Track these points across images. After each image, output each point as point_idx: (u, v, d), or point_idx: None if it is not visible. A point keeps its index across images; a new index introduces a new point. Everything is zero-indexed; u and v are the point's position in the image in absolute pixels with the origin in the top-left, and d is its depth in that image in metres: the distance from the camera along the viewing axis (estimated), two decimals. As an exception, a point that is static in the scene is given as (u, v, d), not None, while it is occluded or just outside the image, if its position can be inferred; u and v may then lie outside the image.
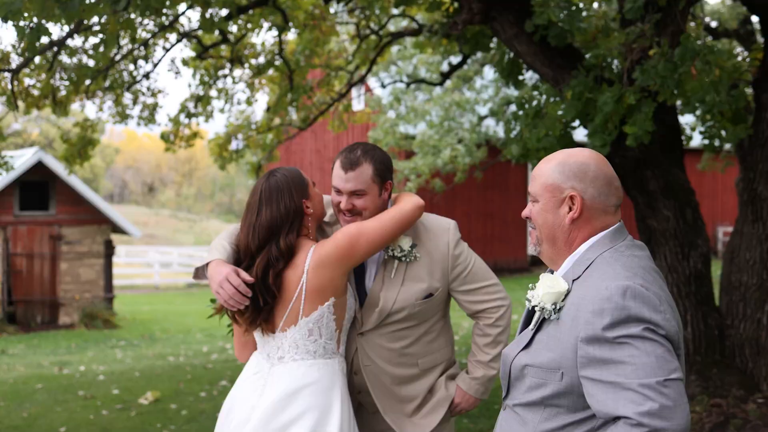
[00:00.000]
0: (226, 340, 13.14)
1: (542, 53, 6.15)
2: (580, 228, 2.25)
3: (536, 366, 2.20)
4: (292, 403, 2.91)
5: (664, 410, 1.96)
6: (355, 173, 3.01)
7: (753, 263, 6.54)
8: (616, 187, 2.27)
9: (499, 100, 16.76)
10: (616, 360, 2.01)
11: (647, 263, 2.23)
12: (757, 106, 6.53)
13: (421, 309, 3.12)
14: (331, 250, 2.92)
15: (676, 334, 2.08)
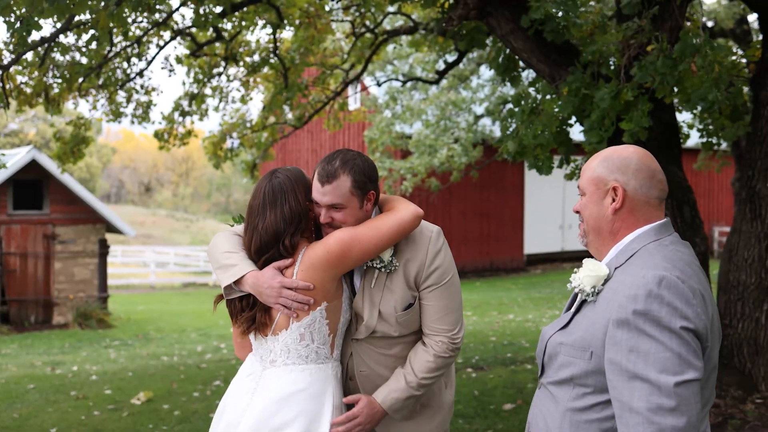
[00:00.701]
0: (221, 339, 13.07)
1: (538, 49, 6.07)
2: (623, 219, 2.33)
3: (568, 345, 2.29)
4: (282, 408, 2.84)
5: (674, 409, 2.00)
6: (332, 186, 2.86)
7: (751, 262, 6.48)
8: (659, 180, 2.34)
9: (495, 99, 16.72)
10: (638, 349, 2.07)
11: (690, 259, 2.28)
12: (755, 104, 6.46)
13: (406, 319, 2.99)
14: (322, 255, 2.83)
15: (705, 329, 2.12)
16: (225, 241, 3.04)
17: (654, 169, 2.34)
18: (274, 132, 11.67)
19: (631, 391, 2.06)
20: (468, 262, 24.84)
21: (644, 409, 2.02)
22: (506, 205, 26.23)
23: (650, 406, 2.01)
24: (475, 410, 6.81)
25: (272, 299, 2.83)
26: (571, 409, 2.26)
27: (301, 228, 2.91)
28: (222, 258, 2.96)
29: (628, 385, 2.07)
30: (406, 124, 17.36)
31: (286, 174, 2.96)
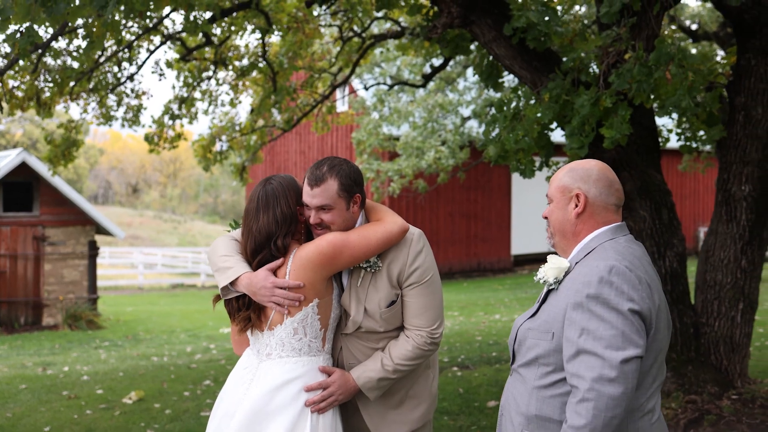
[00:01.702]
0: (210, 340, 13.20)
1: (520, 56, 6.25)
2: (584, 222, 2.68)
3: (534, 329, 2.63)
4: (276, 396, 3.04)
5: (614, 380, 2.34)
6: (321, 189, 3.08)
7: (727, 262, 6.67)
8: (617, 189, 2.70)
9: (482, 102, 16.90)
10: (589, 327, 2.42)
11: (641, 254, 2.62)
12: (731, 109, 6.65)
13: (390, 315, 3.18)
14: (313, 255, 3.03)
15: (650, 312, 2.45)
16: (223, 245, 3.24)
17: (612, 180, 2.69)
18: (263, 135, 11.83)
19: (581, 362, 2.40)
20: (455, 263, 25.04)
21: (589, 378, 2.36)
22: (493, 206, 26.45)
23: (594, 375, 2.35)
24: (460, 407, 6.98)
25: (266, 299, 3.02)
26: (537, 386, 2.57)
27: (292, 230, 3.11)
28: (219, 261, 3.16)
29: (579, 358, 2.40)
30: (394, 126, 17.53)
31: (279, 180, 3.17)
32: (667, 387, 6.56)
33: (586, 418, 2.34)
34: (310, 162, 28.58)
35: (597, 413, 2.33)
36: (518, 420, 2.61)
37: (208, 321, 16.15)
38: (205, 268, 31.11)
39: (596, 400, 2.34)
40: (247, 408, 3.05)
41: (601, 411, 2.33)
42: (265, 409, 3.03)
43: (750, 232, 6.60)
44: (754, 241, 6.64)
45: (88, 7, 5.10)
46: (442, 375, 8.46)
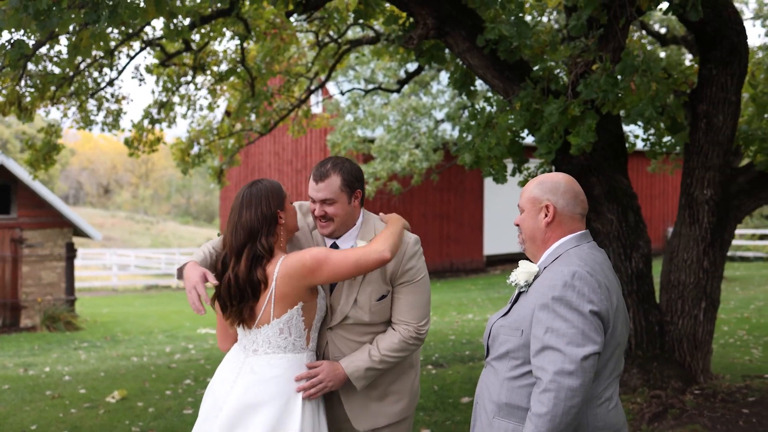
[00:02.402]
0: (188, 341, 13.34)
1: (493, 66, 6.51)
2: (553, 230, 2.96)
3: (506, 326, 2.90)
4: (261, 390, 3.26)
5: (572, 373, 2.61)
6: (325, 184, 3.38)
7: (690, 263, 6.97)
8: (582, 200, 2.99)
9: (455, 105, 17.18)
10: (553, 326, 2.69)
11: (601, 260, 2.90)
12: (693, 117, 6.94)
13: (379, 309, 3.44)
14: (298, 267, 3.24)
15: (607, 313, 2.74)
16: (214, 240, 3.50)
17: (578, 192, 2.97)
18: (240, 138, 12.01)
19: (545, 357, 2.67)
20: (428, 264, 25.01)
21: (552, 371, 2.63)
22: (466, 207, 26.76)
23: (556, 369, 2.63)
24: (435, 404, 7.23)
25: (187, 291, 3.24)
26: (508, 378, 2.84)
27: (272, 231, 3.32)
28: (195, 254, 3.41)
29: (544, 353, 2.68)
30: (368, 129, 17.75)
31: (264, 184, 3.40)
32: (633, 383, 6.85)
33: (547, 407, 2.61)
34: (284, 164, 28.74)
35: (557, 402, 2.60)
36: (490, 407, 2.89)
37: (185, 322, 16.29)
38: (180, 269, 31.09)
39: (557, 390, 2.61)
40: (233, 401, 3.26)
41: (561, 401, 2.60)
42: (251, 402, 3.24)
43: (712, 235, 6.90)
44: (716, 242, 6.94)
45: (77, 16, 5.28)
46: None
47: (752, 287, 18.30)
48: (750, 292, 16.90)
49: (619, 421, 2.84)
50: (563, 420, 2.61)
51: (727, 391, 7.02)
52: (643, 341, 6.91)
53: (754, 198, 7.00)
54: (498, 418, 2.85)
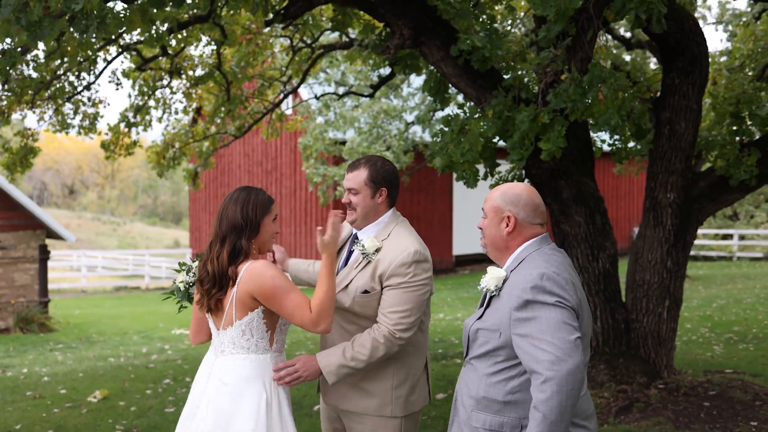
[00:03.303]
0: (164, 341, 13.45)
1: (466, 75, 6.76)
2: (513, 238, 3.21)
3: (484, 329, 3.11)
4: (227, 389, 3.48)
5: (562, 359, 2.81)
6: (353, 174, 3.74)
7: (654, 263, 7.27)
8: (542, 211, 3.23)
9: (426, 108, 17.42)
10: (533, 319, 2.92)
11: (562, 260, 3.15)
12: (657, 123, 7.25)
13: (362, 301, 3.66)
14: (257, 283, 3.43)
15: (576, 306, 2.98)
16: None
17: (537, 203, 3.22)
18: (214, 141, 12.16)
19: (536, 349, 2.87)
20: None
21: (547, 362, 2.82)
22: (436, 208, 27.06)
23: (551, 358, 2.82)
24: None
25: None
26: (486, 374, 3.07)
27: (253, 235, 3.54)
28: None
29: (534, 347, 2.87)
30: (340, 131, 17.95)
31: (257, 193, 3.62)
32: (600, 378, 7.13)
33: (550, 395, 2.79)
34: (254, 165, 28.84)
35: (560, 389, 2.78)
36: (468, 402, 3.13)
37: (159, 323, 16.38)
38: (150, 270, 31.07)
39: (556, 378, 2.79)
40: (204, 400, 3.53)
41: (562, 387, 2.78)
42: (218, 401, 3.48)
43: (675, 236, 7.21)
44: (679, 244, 7.25)
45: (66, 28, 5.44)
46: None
47: (714, 286, 18.79)
48: (712, 291, 17.36)
49: (588, 409, 3.07)
50: (568, 403, 2.79)
51: (689, 385, 7.33)
52: (610, 338, 7.20)
53: (715, 201, 7.32)
54: (476, 411, 3.09)
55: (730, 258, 28.70)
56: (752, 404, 6.86)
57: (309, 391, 8.01)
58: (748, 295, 16.81)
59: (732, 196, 7.31)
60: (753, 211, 34.30)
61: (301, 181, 26.70)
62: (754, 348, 10.09)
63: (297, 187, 26.95)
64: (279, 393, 3.55)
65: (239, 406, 3.46)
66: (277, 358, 3.61)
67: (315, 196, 25.89)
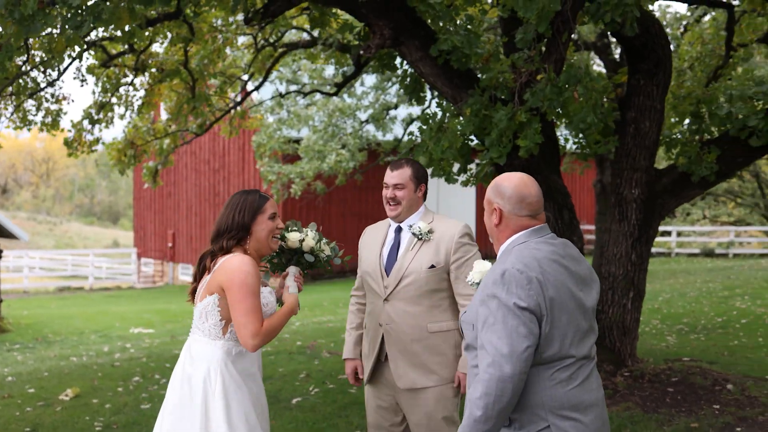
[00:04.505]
0: (124, 340, 13.37)
1: (443, 74, 6.96)
2: (502, 230, 3.19)
3: (465, 321, 3.13)
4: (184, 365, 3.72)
5: (498, 365, 2.83)
6: (398, 172, 4.26)
7: (620, 257, 7.58)
8: (528, 203, 3.14)
9: (380, 107, 17.60)
10: (488, 321, 2.91)
11: (545, 255, 3.04)
12: (622, 122, 7.55)
13: (428, 277, 4.15)
14: (224, 274, 3.63)
15: (538, 307, 2.90)
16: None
17: (524, 194, 3.14)
18: (175, 139, 12.14)
19: (482, 348, 2.91)
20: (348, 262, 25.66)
21: (485, 363, 2.86)
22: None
23: (489, 361, 2.86)
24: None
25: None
26: (472, 366, 3.06)
27: (240, 236, 3.74)
28: None
29: (482, 344, 2.92)
30: (294, 129, 18.00)
31: (254, 196, 3.82)
32: (570, 367, 7.41)
33: (481, 394, 2.84)
34: (201, 163, 28.66)
35: (488, 392, 2.82)
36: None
37: (115, 322, 16.25)
38: (93, 270, 30.62)
39: (488, 381, 2.82)
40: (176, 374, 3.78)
41: (492, 390, 2.81)
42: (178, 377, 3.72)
43: (639, 230, 7.52)
44: (643, 238, 7.57)
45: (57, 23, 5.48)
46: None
47: (658, 281, 19.40)
48: (656, 286, 17.93)
49: (581, 402, 2.99)
50: (495, 408, 2.83)
51: (652, 372, 7.67)
52: (579, 329, 7.47)
53: (677, 197, 7.66)
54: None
55: (668, 254, 29.57)
56: (713, 389, 7.22)
57: (284, 386, 8.13)
58: (691, 288, 17.42)
59: (693, 192, 7.67)
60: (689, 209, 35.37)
61: (249, 180, 26.65)
62: (705, 338, 10.54)
63: (245, 186, 26.87)
64: (223, 379, 3.64)
65: (189, 380, 3.66)
66: (234, 347, 3.69)
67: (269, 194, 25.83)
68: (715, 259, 27.81)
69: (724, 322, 11.95)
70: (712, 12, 12.96)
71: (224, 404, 3.59)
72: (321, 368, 8.95)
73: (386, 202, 4.30)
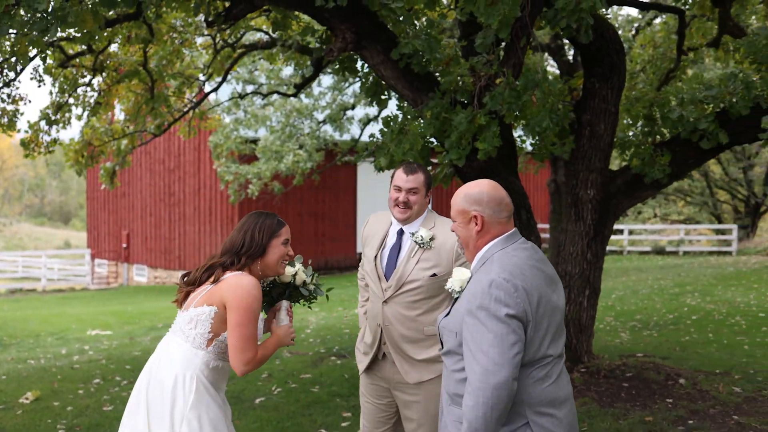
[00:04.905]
0: (82, 342, 13.25)
1: (404, 77, 7.07)
2: (483, 236, 3.27)
3: (447, 328, 3.24)
4: (158, 366, 3.73)
5: (492, 372, 2.94)
6: (414, 177, 4.35)
7: (576, 256, 7.77)
8: (506, 204, 3.29)
9: (336, 107, 17.69)
10: (477, 330, 3.01)
11: (524, 261, 3.18)
12: (578, 125, 7.74)
13: (430, 284, 4.25)
14: (226, 291, 3.64)
15: (524, 312, 3.02)
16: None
17: (501, 197, 3.29)
18: (133, 140, 12.09)
19: (472, 358, 3.01)
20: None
21: (478, 372, 2.96)
22: (340, 206, 27.35)
23: (482, 369, 2.96)
24: (349, 390, 7.74)
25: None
26: (453, 370, 3.19)
27: (256, 254, 3.77)
28: None
29: (471, 355, 3.02)
30: (251, 129, 18.00)
31: (265, 218, 3.85)
32: (529, 364, 7.57)
33: (475, 403, 2.94)
34: (155, 162, 28.43)
35: (485, 400, 2.92)
36: (445, 397, 3.32)
37: (71, 324, 16.07)
38: (46, 272, 30.19)
39: (483, 389, 2.92)
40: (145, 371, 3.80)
41: (488, 398, 2.92)
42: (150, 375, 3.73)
43: (594, 230, 7.72)
44: (598, 237, 7.77)
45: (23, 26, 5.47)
46: (323, 364, 9.19)
47: (610, 279, 19.79)
48: (609, 284, 18.29)
49: (556, 398, 3.13)
50: (492, 414, 2.94)
51: (608, 368, 7.88)
52: (537, 327, 7.63)
53: (630, 197, 7.88)
54: (451, 406, 3.25)
55: (620, 252, 30.11)
56: (666, 384, 7.45)
57: (247, 385, 8.18)
58: (643, 286, 17.81)
59: (646, 193, 7.89)
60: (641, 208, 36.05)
61: (205, 180, 26.52)
62: (658, 334, 10.82)
63: (201, 186, 26.74)
64: (198, 386, 3.67)
65: (162, 381, 3.68)
66: (208, 359, 3.71)
67: (220, 195, 25.78)
68: (666, 256, 28.41)
69: (676, 319, 12.28)
70: (663, 16, 13.29)
71: (196, 413, 3.62)
72: (283, 368, 9.02)
73: (395, 205, 4.36)
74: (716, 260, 25.13)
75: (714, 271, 20.48)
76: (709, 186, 34.95)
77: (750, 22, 11.60)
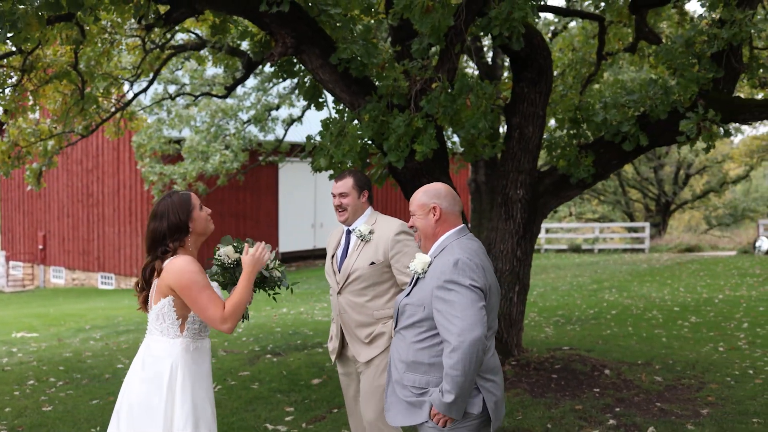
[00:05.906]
0: (9, 344, 12.96)
1: (342, 81, 7.28)
2: (440, 226, 3.79)
3: (411, 304, 3.72)
4: (142, 365, 3.90)
5: (467, 330, 3.40)
6: (342, 182, 4.95)
7: (506, 253, 8.11)
8: (458, 201, 3.87)
9: (261, 107, 17.75)
10: (451, 300, 3.48)
11: (477, 248, 3.72)
12: (508, 127, 8.08)
13: (370, 272, 4.82)
14: (172, 276, 3.81)
15: (485, 287, 3.53)
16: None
17: (454, 194, 3.87)
18: (60, 140, 11.96)
19: (448, 323, 3.47)
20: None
21: (455, 333, 3.43)
22: (261, 205, 27.35)
23: (459, 330, 3.43)
24: (289, 386, 7.91)
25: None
26: (413, 341, 3.67)
27: (181, 236, 3.93)
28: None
29: (447, 320, 3.48)
30: (175, 129, 17.90)
31: (173, 198, 3.98)
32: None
33: (457, 360, 3.39)
34: (73, 163, 27.88)
35: (464, 356, 3.36)
36: (400, 365, 3.74)
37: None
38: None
39: (462, 345, 3.36)
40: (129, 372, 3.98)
41: (467, 353, 3.36)
42: (135, 374, 3.91)
43: (524, 228, 8.08)
44: (527, 235, 8.13)
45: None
46: (259, 362, 9.32)
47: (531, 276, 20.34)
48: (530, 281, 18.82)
49: (495, 366, 3.68)
50: (471, 368, 3.39)
51: (537, 361, 8.25)
52: (470, 321, 7.94)
53: (557, 197, 8.26)
54: (407, 372, 3.69)
55: (538, 250, 30.90)
56: (592, 374, 7.86)
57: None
58: (562, 283, 18.42)
59: (572, 192, 8.28)
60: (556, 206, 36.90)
61: (125, 180, 26.16)
62: (580, 328, 11.30)
63: (120, 186, 26.37)
64: (185, 373, 3.86)
65: (151, 379, 3.83)
66: (188, 343, 3.91)
67: (141, 195, 25.46)
68: (582, 254, 29.32)
69: (596, 314, 12.80)
70: (579, 20, 13.83)
71: (191, 395, 3.83)
72: (219, 366, 9.11)
73: (335, 210, 4.94)
74: (630, 257, 26.08)
75: (629, 268, 21.29)
76: (622, 185, 36.17)
77: (661, 27, 12.20)
